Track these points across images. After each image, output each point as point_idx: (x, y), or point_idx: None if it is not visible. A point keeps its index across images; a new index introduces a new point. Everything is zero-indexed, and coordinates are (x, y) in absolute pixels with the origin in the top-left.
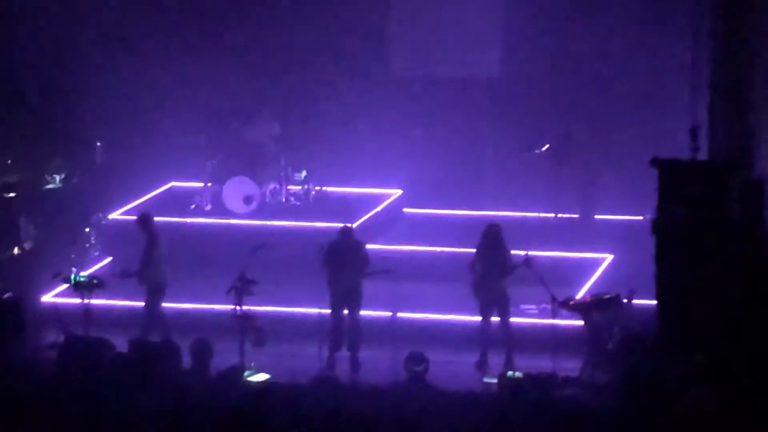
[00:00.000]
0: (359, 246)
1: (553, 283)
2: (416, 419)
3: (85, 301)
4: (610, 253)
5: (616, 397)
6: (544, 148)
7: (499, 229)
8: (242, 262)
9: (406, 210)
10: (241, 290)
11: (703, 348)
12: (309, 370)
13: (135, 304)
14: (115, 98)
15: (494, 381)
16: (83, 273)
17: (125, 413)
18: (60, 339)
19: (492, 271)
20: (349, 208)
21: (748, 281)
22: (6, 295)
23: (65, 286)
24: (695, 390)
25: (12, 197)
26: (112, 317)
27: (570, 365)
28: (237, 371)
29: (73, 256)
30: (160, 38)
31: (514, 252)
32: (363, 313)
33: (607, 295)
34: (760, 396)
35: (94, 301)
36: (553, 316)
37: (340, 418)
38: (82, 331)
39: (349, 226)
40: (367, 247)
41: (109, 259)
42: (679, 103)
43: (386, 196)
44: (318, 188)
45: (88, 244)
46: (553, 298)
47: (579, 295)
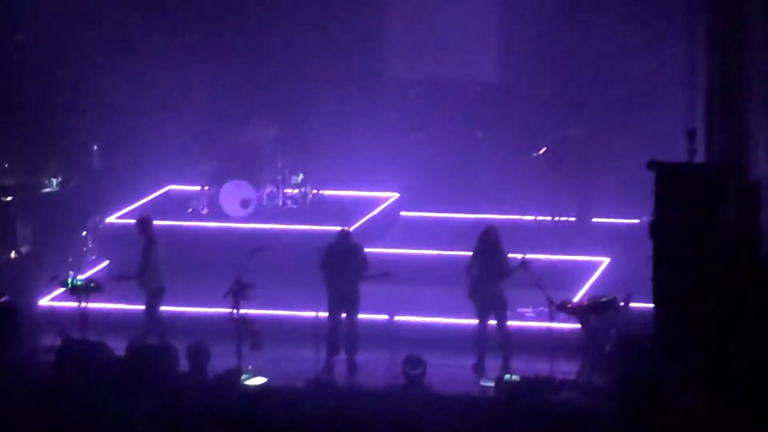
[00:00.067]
0: (357, 249)
1: (550, 286)
2: (413, 422)
3: (83, 305)
4: (608, 256)
5: (614, 400)
6: (541, 151)
7: (496, 233)
8: (239, 266)
9: (402, 213)
10: (238, 294)
11: (699, 351)
12: (306, 374)
13: (132, 307)
14: (112, 101)
15: (491, 384)
16: (80, 276)
17: (122, 416)
18: (57, 342)
19: (489, 274)
20: (346, 211)
21: (745, 284)
22: (3, 299)
23: (62, 290)
24: (692, 393)
25: (9, 201)
26: (110, 321)
27: (567, 368)
28: (234, 374)
29: (70, 259)
30: (158, 41)
31: (511, 255)
32: (360, 316)
33: (604, 298)
34: (757, 398)
35: (92, 305)
36: (550, 320)
37: (337, 422)
38: (79, 335)
39: (347, 229)
40: (365, 250)
41: (106, 262)
42: (676, 106)
43: (383, 200)
44: (315, 191)
45: (85, 248)
46: (550, 301)
47: (576, 298)
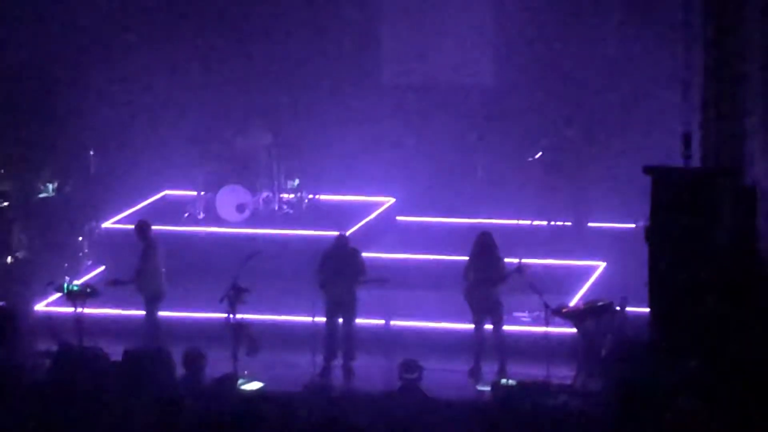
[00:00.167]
0: (355, 254)
1: (546, 291)
2: (409, 427)
3: (79, 310)
4: (603, 261)
5: (610, 405)
6: (537, 156)
7: (491, 237)
8: (235, 271)
9: (399, 218)
10: (234, 298)
11: (696, 355)
12: (302, 379)
13: (128, 312)
14: (108, 107)
15: (487, 389)
16: (76, 282)
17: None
18: (53, 348)
19: (485, 278)
20: (342, 216)
21: (741, 288)
22: None
23: (58, 295)
24: (688, 397)
25: (5, 206)
26: (106, 326)
27: (563, 373)
28: (230, 379)
29: (66, 265)
30: (154, 46)
31: (507, 260)
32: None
33: (600, 303)
34: (753, 404)
35: (88, 310)
36: (546, 324)
37: (334, 427)
38: (75, 340)
39: (345, 234)
40: (362, 255)
41: (102, 267)
42: (672, 110)
43: (379, 204)
44: (311, 196)
45: (81, 253)
46: (547, 306)
47: (572, 303)
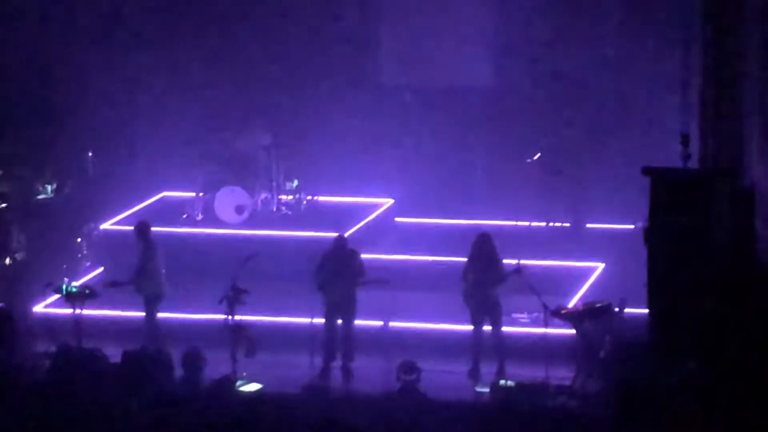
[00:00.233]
0: (354, 255)
1: (545, 292)
2: (408, 428)
3: (77, 312)
4: (602, 262)
5: (609, 406)
6: (535, 157)
7: (490, 238)
8: (234, 272)
9: (397, 219)
10: (233, 300)
11: (694, 356)
12: (301, 380)
13: (127, 314)
14: (106, 108)
15: (486, 390)
16: (75, 283)
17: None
18: (52, 349)
19: (484, 280)
20: (341, 217)
21: (739, 288)
22: None
23: (57, 297)
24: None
25: (3, 207)
26: (104, 327)
27: (562, 374)
28: (229, 381)
29: (65, 266)
30: (154, 46)
31: (506, 261)
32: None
33: (598, 304)
34: (752, 405)
35: (86, 312)
36: (545, 325)
37: (333, 428)
38: (74, 342)
39: (344, 235)
40: (361, 256)
41: (101, 269)
42: (670, 111)
43: (378, 206)
44: (309, 198)
45: (80, 255)
46: (545, 307)
47: (571, 304)
